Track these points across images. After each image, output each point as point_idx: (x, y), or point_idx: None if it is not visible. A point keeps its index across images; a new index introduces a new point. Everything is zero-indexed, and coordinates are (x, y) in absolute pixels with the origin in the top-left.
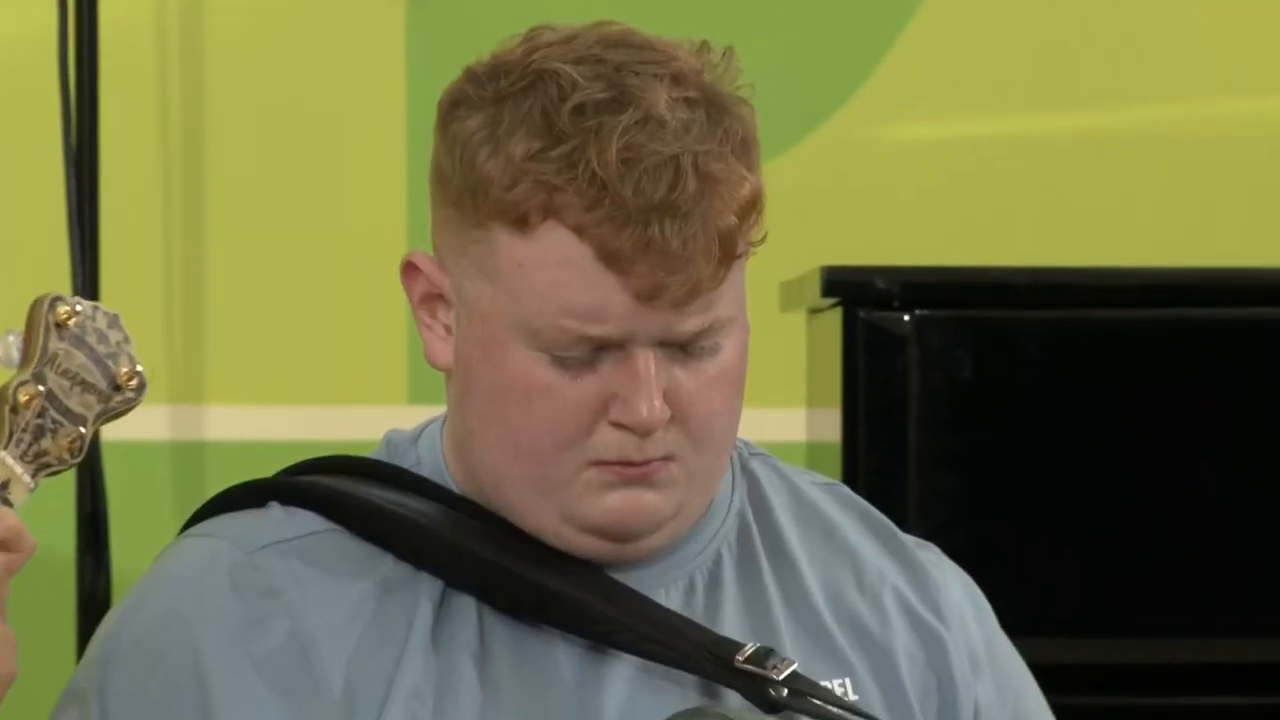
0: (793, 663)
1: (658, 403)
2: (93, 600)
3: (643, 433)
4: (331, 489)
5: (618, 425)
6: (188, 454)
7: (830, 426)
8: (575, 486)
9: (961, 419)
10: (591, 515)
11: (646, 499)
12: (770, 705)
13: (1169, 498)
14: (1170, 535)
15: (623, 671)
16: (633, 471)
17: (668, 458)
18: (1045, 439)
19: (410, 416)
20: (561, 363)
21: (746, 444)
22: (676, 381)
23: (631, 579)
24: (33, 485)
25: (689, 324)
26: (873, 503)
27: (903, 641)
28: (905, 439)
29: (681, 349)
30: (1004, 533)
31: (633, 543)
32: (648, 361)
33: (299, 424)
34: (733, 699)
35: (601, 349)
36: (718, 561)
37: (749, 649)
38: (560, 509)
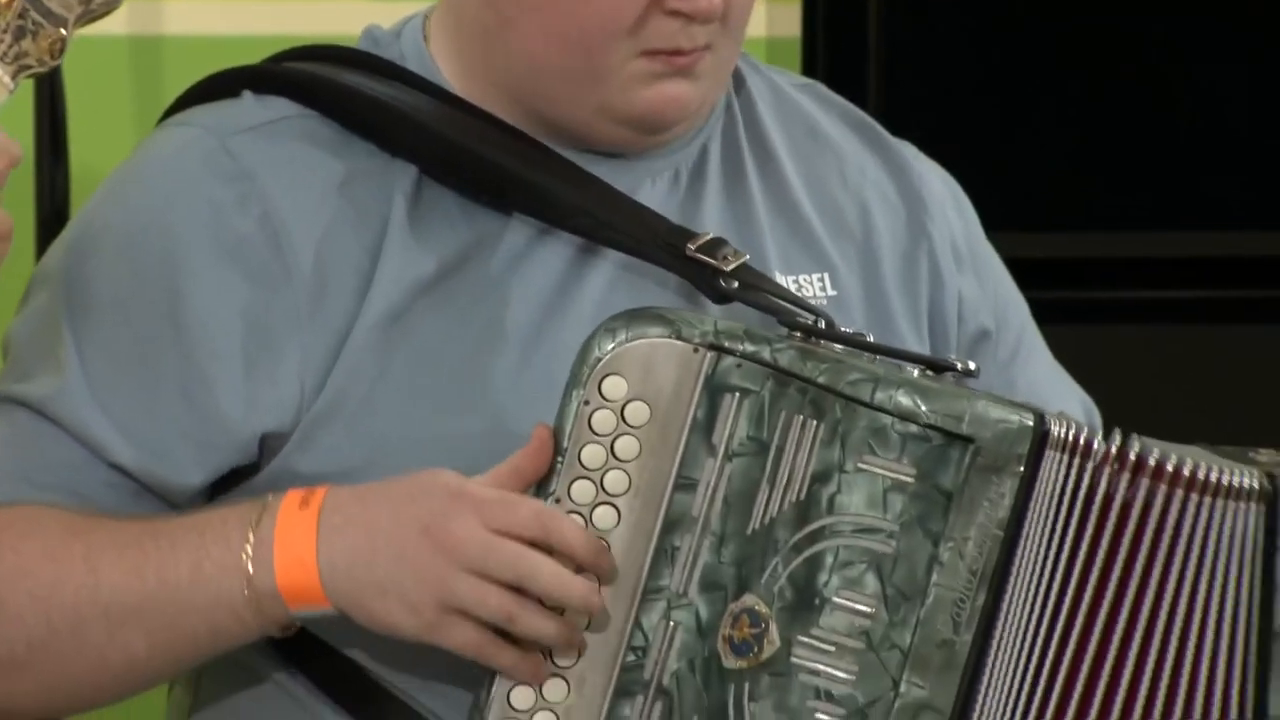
0: (744, 255)
1: None
2: (52, 198)
3: (705, 19)
4: (308, 74)
5: (674, 13)
6: (146, 49)
7: (790, 22)
8: (620, 77)
9: (924, 12)
10: (633, 106)
11: (685, 90)
12: (719, 295)
13: (1135, 90)
14: (1140, 129)
15: (603, 268)
16: (681, 60)
17: (708, 47)
18: (1009, 31)
19: (389, 12)
20: None
21: None
22: None
23: (619, 171)
24: (12, 87)
25: None
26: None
27: (886, 235)
28: (865, 35)
29: None
30: (966, 129)
31: (661, 134)
32: None
33: (264, 18)
34: (711, 309)
35: None
36: (703, 155)
37: (703, 238)
38: (599, 100)
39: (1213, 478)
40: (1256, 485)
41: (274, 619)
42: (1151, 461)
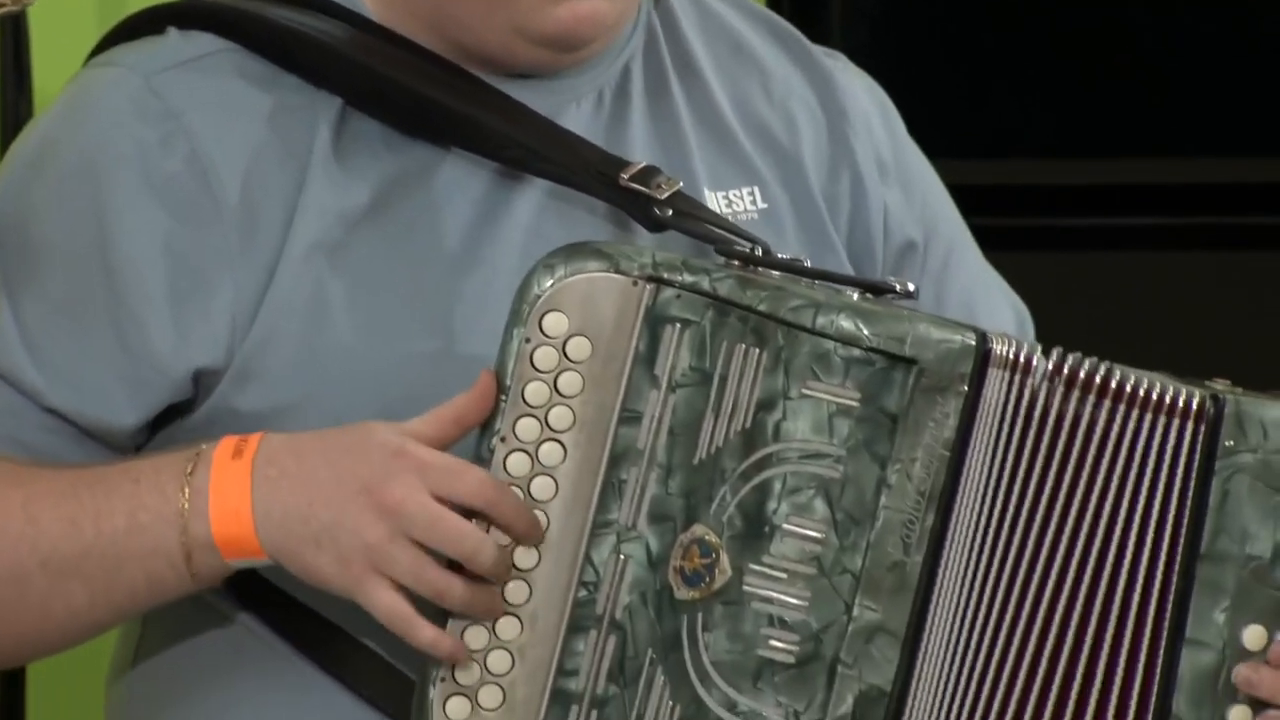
0: (678, 183)
1: None
2: (14, 120)
3: None
4: (232, 8)
5: None
6: None
7: None
8: None
9: None
10: (546, 25)
11: (597, 5)
12: (654, 224)
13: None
14: (1089, 58)
15: (531, 195)
16: None
17: None
18: None
19: None
20: None
21: None
22: None
23: (542, 94)
24: None
25: None
26: (795, 24)
27: (810, 148)
28: None
29: None
30: (926, 54)
31: (576, 52)
32: None
33: None
34: (643, 238)
35: None
36: (626, 75)
37: (635, 167)
38: (512, 20)
39: (1154, 394)
40: (1197, 405)
41: (210, 569)
42: (1096, 379)
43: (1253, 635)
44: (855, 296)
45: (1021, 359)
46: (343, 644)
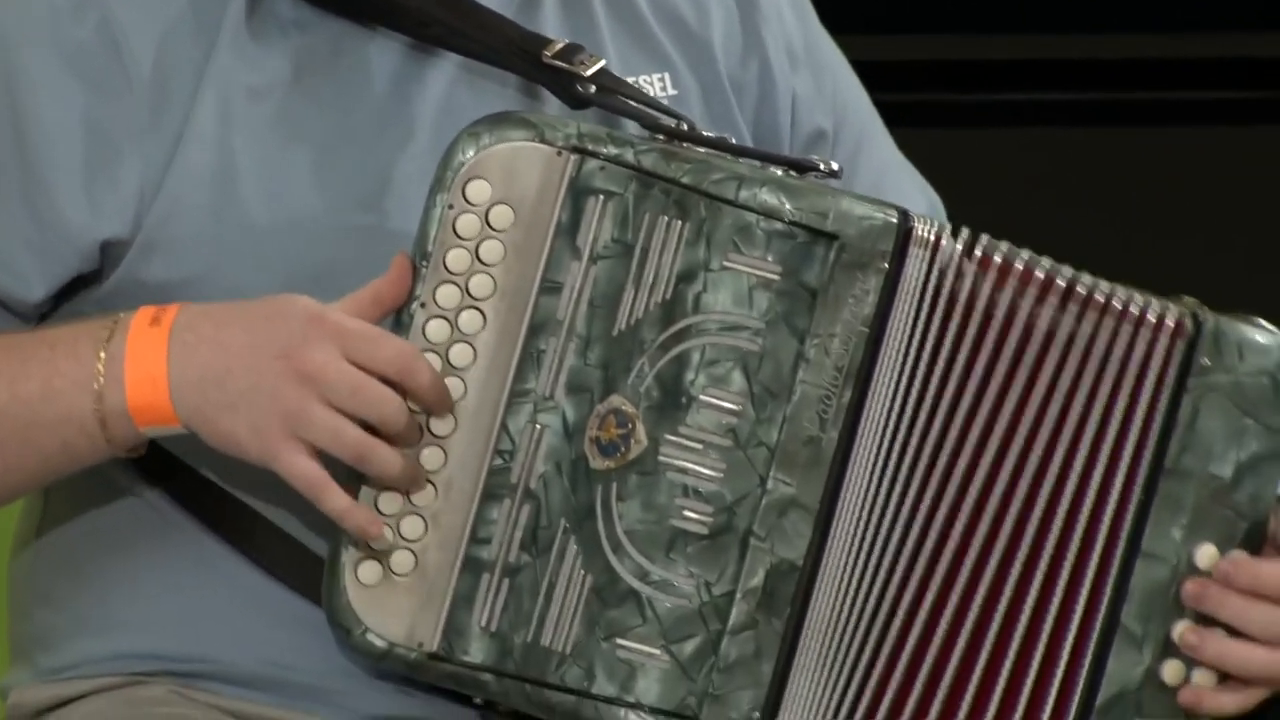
0: (601, 60)
1: None
2: None
3: None
4: None
5: None
6: None
7: None
8: None
9: None
10: None
11: None
12: (577, 101)
13: None
14: None
15: (443, 70)
16: None
17: None
18: None
19: None
20: None
21: None
22: None
23: None
24: None
25: None
26: None
27: (720, 36)
28: None
29: None
30: None
31: None
32: None
33: None
34: (550, 105)
35: None
36: None
37: (558, 45)
38: None
39: (1129, 306)
40: (1175, 321)
41: (123, 437)
42: (1017, 265)
43: (1205, 554)
44: (779, 173)
45: (943, 239)
46: (248, 518)
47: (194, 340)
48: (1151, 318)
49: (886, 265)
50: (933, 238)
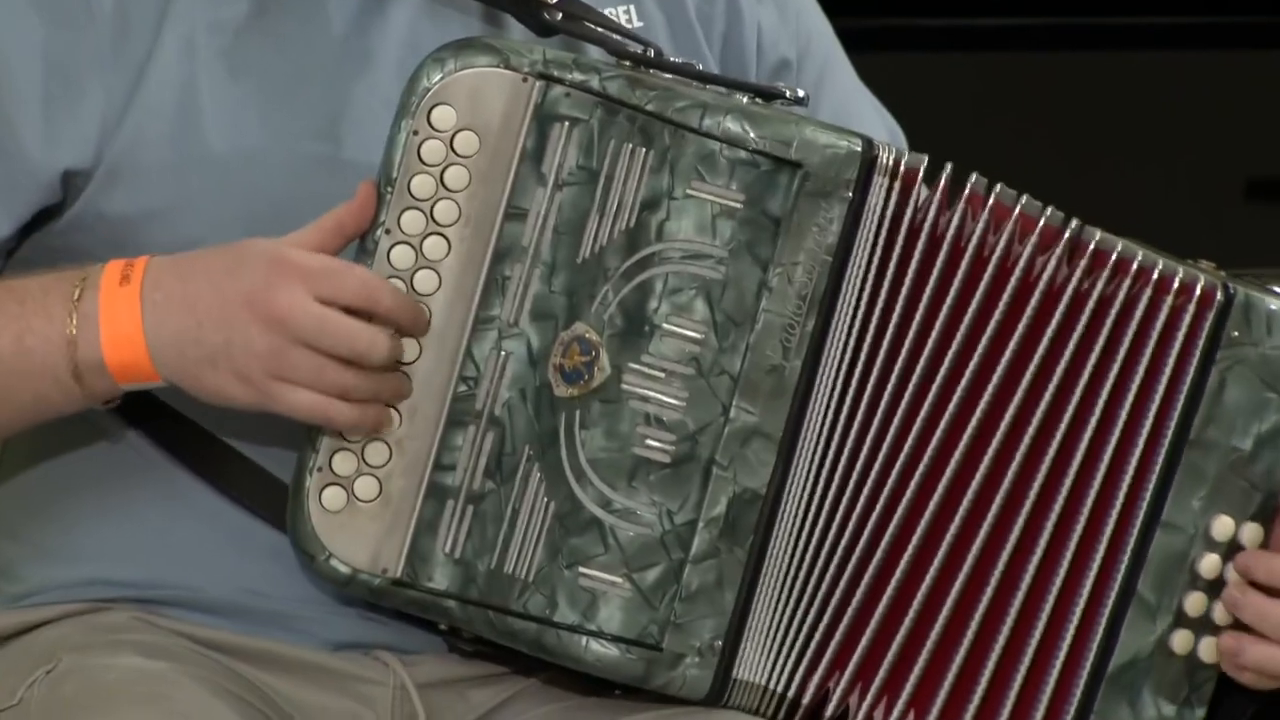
0: None
1: None
2: None
3: None
4: None
5: None
6: None
7: None
8: None
9: None
10: None
11: None
12: (543, 28)
13: None
14: None
15: (406, 3)
16: None
17: None
18: None
19: None
20: None
21: None
22: None
23: None
24: None
25: None
26: None
27: None
28: None
29: None
30: None
31: None
32: None
33: None
34: (514, 31)
35: None
36: None
37: None
38: None
39: (1155, 270)
40: (1203, 289)
41: (101, 392)
42: (988, 197)
43: (1221, 526)
44: (745, 100)
45: (906, 168)
46: (216, 449)
47: (163, 299)
48: (1175, 283)
49: (850, 194)
50: (897, 166)
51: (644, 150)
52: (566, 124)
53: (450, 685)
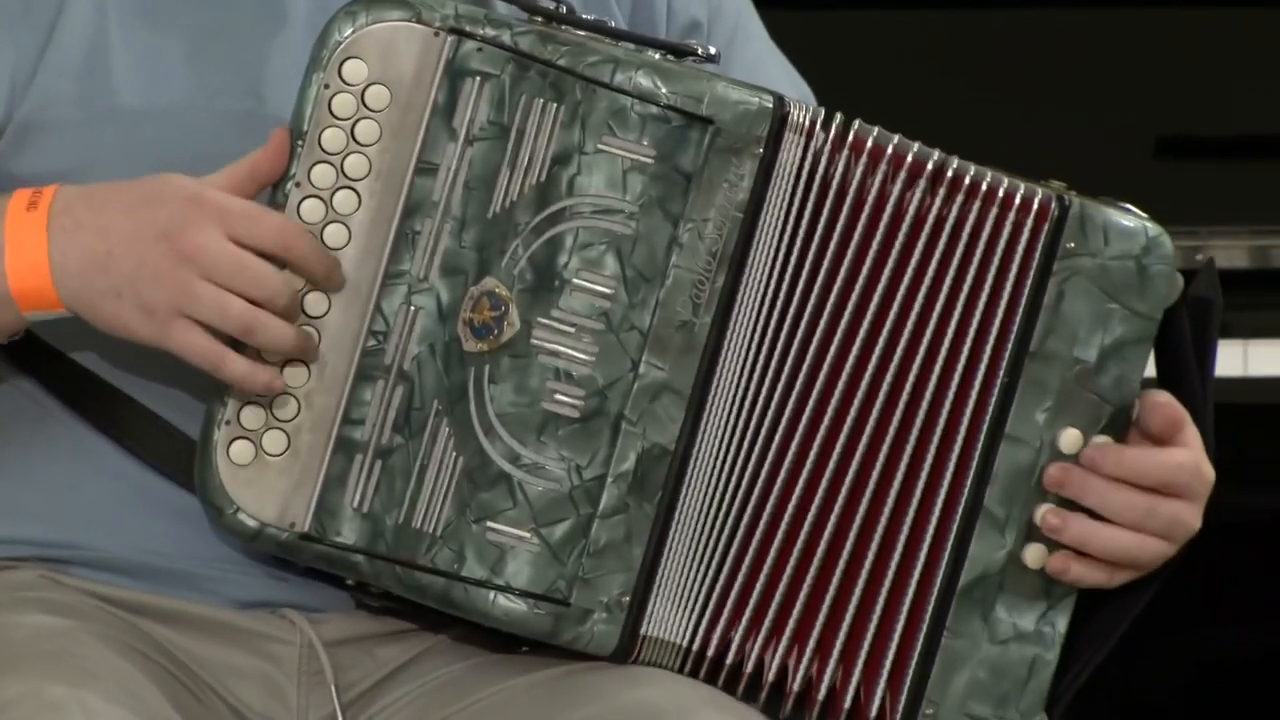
0: None
1: None
2: None
3: None
4: None
5: None
6: None
7: None
8: None
9: None
10: None
11: None
12: None
13: None
14: None
15: None
16: None
17: None
18: None
19: None
20: None
21: None
22: None
23: None
24: None
25: None
26: None
27: None
28: None
29: None
30: None
31: None
32: None
33: None
34: None
35: None
36: None
37: None
38: None
39: (997, 188)
40: (1040, 202)
41: (4, 322)
42: (889, 149)
43: (1069, 438)
44: (657, 57)
45: (818, 125)
46: (123, 406)
47: (72, 225)
48: (1017, 200)
49: (761, 150)
50: (807, 123)
51: (555, 105)
52: (478, 79)
53: (358, 642)
